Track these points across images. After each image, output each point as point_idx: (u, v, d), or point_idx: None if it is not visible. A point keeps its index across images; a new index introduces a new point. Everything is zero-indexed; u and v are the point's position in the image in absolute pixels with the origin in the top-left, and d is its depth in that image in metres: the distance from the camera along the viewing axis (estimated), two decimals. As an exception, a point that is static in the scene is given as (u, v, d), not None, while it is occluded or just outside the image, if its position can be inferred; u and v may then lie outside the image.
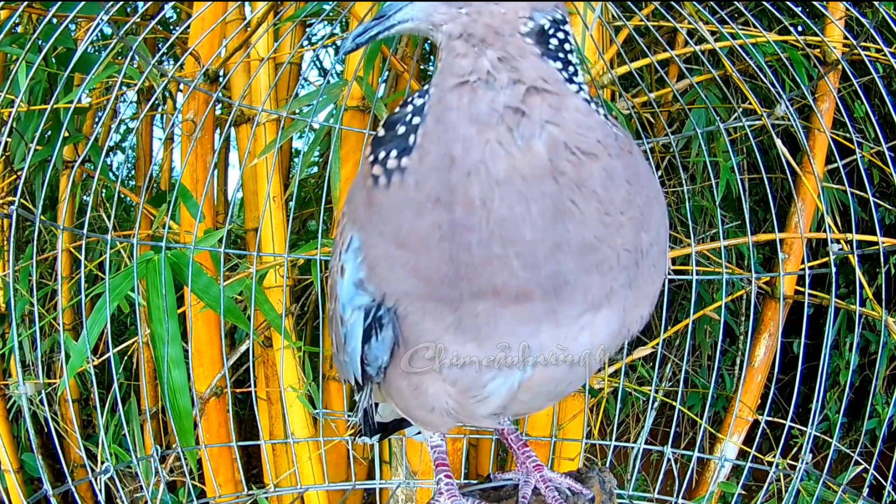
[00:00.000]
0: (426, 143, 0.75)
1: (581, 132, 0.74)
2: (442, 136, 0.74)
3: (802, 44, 1.75)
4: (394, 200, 0.77)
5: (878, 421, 2.27)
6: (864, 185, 1.54)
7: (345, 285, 0.84)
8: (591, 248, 0.75)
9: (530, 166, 0.72)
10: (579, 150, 0.73)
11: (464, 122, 0.73)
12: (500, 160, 0.72)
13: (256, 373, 2.00)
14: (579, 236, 0.74)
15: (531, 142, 0.72)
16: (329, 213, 2.15)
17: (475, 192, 0.72)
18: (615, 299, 0.80)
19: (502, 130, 0.72)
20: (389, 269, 0.79)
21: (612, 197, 0.75)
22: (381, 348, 0.86)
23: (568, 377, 0.88)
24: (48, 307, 2.24)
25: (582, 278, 0.76)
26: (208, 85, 1.78)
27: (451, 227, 0.73)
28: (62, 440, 2.21)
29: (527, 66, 0.74)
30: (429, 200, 0.74)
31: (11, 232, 1.21)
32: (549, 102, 0.73)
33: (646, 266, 0.81)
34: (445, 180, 0.73)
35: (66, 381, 1.36)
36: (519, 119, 0.72)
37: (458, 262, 0.74)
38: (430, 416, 0.92)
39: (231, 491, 1.82)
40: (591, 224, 0.74)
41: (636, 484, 1.75)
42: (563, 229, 0.73)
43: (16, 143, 1.80)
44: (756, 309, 1.85)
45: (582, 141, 0.73)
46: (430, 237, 0.75)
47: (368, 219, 0.81)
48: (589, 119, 0.75)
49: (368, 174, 0.80)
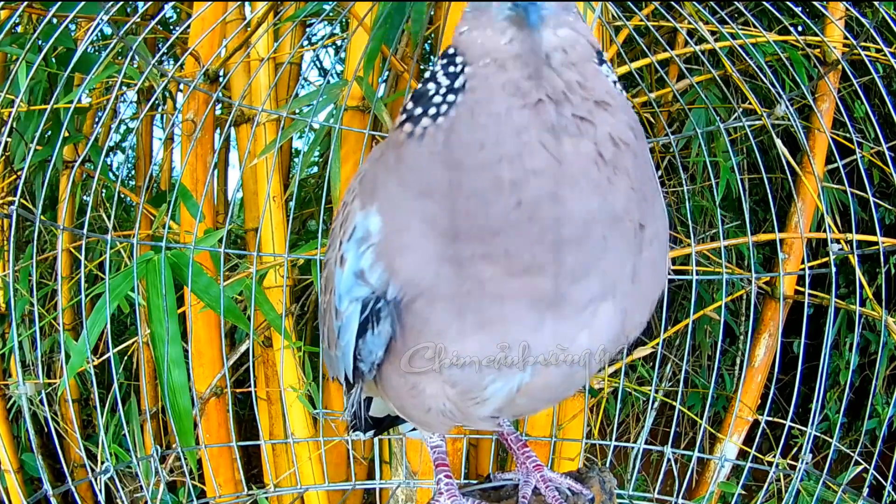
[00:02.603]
0: (458, 122, 0.76)
1: (623, 126, 0.77)
2: (476, 130, 0.75)
3: (802, 44, 1.75)
4: (417, 150, 0.78)
5: (878, 421, 2.28)
6: (864, 185, 1.54)
7: (344, 275, 0.83)
8: (618, 221, 0.76)
9: (575, 154, 0.74)
10: (621, 140, 0.76)
11: (509, 128, 0.74)
12: (538, 157, 0.73)
13: (256, 373, 2.00)
14: (610, 211, 0.75)
15: (581, 137, 0.74)
16: (329, 213, 2.15)
17: (506, 175, 0.73)
18: (619, 294, 0.80)
19: (547, 132, 0.74)
20: (405, 231, 0.79)
21: (638, 177, 0.77)
22: (376, 343, 0.85)
23: (567, 381, 0.87)
24: (48, 307, 2.24)
25: (597, 253, 0.76)
26: (208, 85, 1.78)
27: (473, 188, 0.74)
28: (62, 440, 2.21)
29: (596, 85, 0.77)
30: (454, 163, 0.75)
31: (11, 232, 1.21)
32: (610, 112, 0.76)
33: (646, 260, 0.81)
34: (474, 158, 0.74)
35: (66, 381, 1.36)
36: (578, 123, 0.75)
37: (474, 213, 0.74)
38: (427, 417, 0.91)
39: (231, 491, 1.82)
40: (620, 196, 0.76)
41: (636, 484, 1.75)
42: (596, 205, 0.74)
43: (16, 143, 1.80)
44: (756, 309, 1.85)
45: (623, 132, 0.77)
46: (452, 190, 0.75)
47: (389, 178, 0.81)
48: (633, 119, 0.79)
49: (397, 139, 0.81)
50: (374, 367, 0.89)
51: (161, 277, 1.41)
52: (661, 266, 0.86)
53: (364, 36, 1.71)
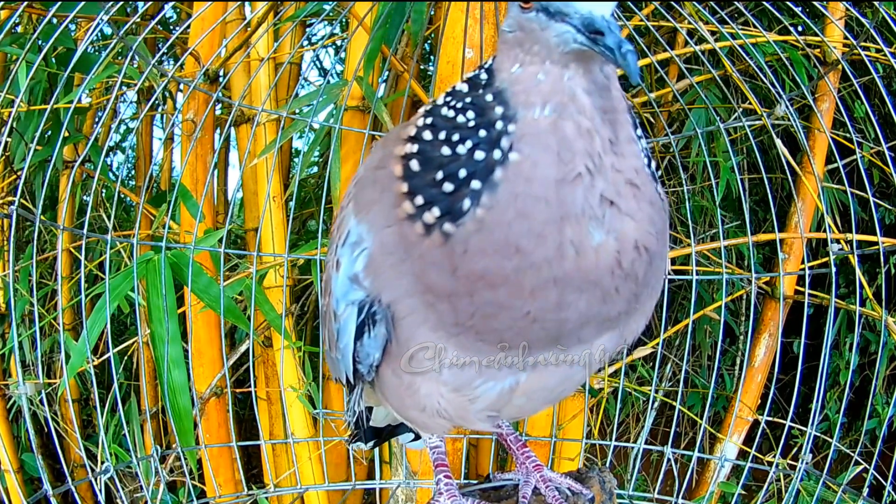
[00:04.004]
0: (490, 222, 0.67)
1: (649, 230, 0.71)
2: (514, 224, 0.66)
3: (802, 44, 1.75)
4: (427, 251, 0.71)
5: (878, 421, 2.27)
6: (864, 185, 1.54)
7: (339, 279, 0.83)
8: (612, 319, 0.76)
9: (596, 265, 0.69)
10: (643, 248, 0.71)
11: (553, 217, 0.66)
12: (568, 261, 0.67)
13: (256, 373, 2.00)
14: (607, 314, 0.74)
15: (608, 237, 0.68)
16: (329, 213, 2.15)
17: (528, 284, 0.68)
18: (616, 329, 0.82)
19: (584, 226, 0.67)
20: (396, 283, 0.78)
21: (647, 279, 0.75)
22: (373, 345, 0.85)
23: (565, 381, 0.88)
24: (48, 307, 2.24)
25: (592, 335, 0.78)
26: (208, 85, 1.78)
27: (486, 301, 0.71)
28: (62, 440, 2.21)
29: (629, 153, 0.69)
30: (473, 275, 0.69)
31: (11, 232, 1.21)
32: (634, 194, 0.69)
33: (645, 295, 0.82)
34: (500, 267, 0.68)
35: (66, 381, 1.36)
36: (606, 209, 0.67)
37: (478, 319, 0.73)
38: (423, 417, 0.91)
39: (231, 491, 1.82)
40: (621, 304, 0.74)
41: (636, 484, 1.75)
42: (598, 311, 0.73)
43: (16, 143, 1.80)
44: (756, 309, 1.85)
45: (647, 238, 0.71)
46: (458, 295, 0.71)
47: (387, 240, 0.77)
48: (657, 211, 0.72)
49: (398, 205, 0.73)
50: (373, 369, 0.89)
51: (161, 277, 1.41)
52: (657, 286, 0.85)
53: (364, 36, 1.71)
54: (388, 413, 1.22)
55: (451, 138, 0.70)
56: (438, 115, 0.73)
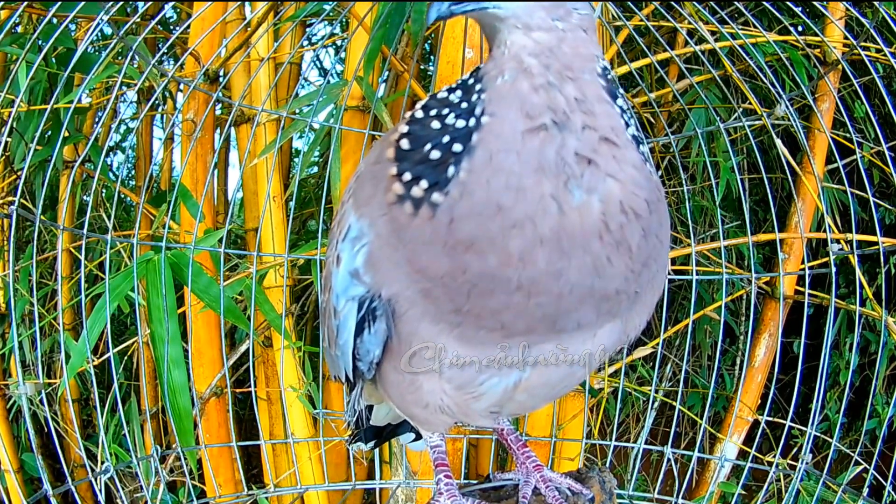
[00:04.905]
0: (471, 183, 0.70)
1: (635, 191, 0.72)
2: (492, 181, 0.69)
3: (802, 44, 1.75)
4: (417, 230, 0.73)
5: (878, 421, 2.27)
6: (864, 185, 1.54)
7: (340, 275, 0.83)
8: (610, 298, 0.75)
9: (581, 225, 0.69)
10: (631, 210, 0.71)
11: (526, 170, 0.68)
12: (550, 217, 0.68)
13: (256, 373, 2.00)
14: (603, 289, 0.73)
15: (590, 196, 0.69)
16: (329, 212, 2.15)
17: (516, 247, 0.69)
18: (618, 318, 0.82)
19: (562, 182, 0.68)
20: (394, 276, 0.78)
21: (642, 253, 0.74)
22: (373, 341, 0.84)
23: (566, 379, 0.88)
24: (48, 307, 2.24)
25: (591, 319, 0.77)
26: (208, 85, 1.78)
27: (478, 273, 0.71)
28: (62, 440, 2.21)
29: (601, 112, 0.71)
30: (460, 244, 0.71)
31: (11, 232, 1.21)
32: (614, 154, 0.70)
33: (645, 277, 0.81)
34: (485, 229, 0.69)
35: (66, 381, 1.36)
36: (584, 169, 0.69)
37: (474, 299, 0.73)
38: (425, 413, 0.91)
39: (231, 491, 1.82)
40: (617, 278, 0.73)
41: (636, 484, 1.75)
42: (591, 283, 0.72)
43: (16, 143, 1.80)
44: (756, 309, 1.85)
45: (634, 200, 0.71)
46: (452, 275, 0.72)
47: (382, 230, 0.78)
48: (642, 176, 0.73)
49: (389, 188, 0.75)
50: (373, 367, 0.89)
51: (161, 277, 1.41)
52: (660, 279, 0.85)
53: (364, 36, 1.71)
54: (388, 411, 1.22)
55: (440, 113, 0.75)
56: (433, 98, 0.78)
